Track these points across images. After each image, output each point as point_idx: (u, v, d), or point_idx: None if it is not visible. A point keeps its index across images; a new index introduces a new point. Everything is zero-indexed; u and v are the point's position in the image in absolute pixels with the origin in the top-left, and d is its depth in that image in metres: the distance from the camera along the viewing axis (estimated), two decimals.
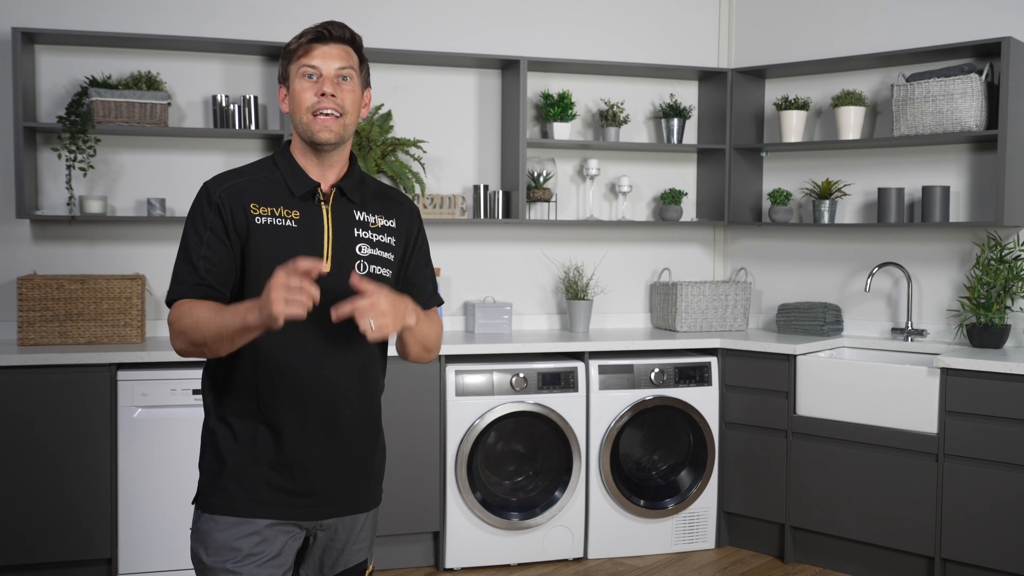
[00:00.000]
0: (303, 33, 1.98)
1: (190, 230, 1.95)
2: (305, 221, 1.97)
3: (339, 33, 1.98)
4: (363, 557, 2.11)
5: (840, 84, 4.55)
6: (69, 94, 4.03)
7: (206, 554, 1.94)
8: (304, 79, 1.95)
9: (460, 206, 4.46)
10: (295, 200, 1.98)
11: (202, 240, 1.93)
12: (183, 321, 1.88)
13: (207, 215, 1.94)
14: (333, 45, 1.96)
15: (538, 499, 4.12)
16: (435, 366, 3.98)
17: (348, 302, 1.79)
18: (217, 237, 1.92)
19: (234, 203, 1.93)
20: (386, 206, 2.08)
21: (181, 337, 1.89)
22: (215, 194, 1.95)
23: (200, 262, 1.92)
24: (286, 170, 2.00)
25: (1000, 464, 3.55)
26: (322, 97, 1.93)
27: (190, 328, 1.86)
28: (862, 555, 3.97)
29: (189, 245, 1.94)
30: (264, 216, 1.94)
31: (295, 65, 1.96)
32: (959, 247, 4.23)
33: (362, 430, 2.04)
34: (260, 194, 1.96)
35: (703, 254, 5.04)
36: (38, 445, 3.57)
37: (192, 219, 1.96)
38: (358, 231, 2.02)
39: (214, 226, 1.93)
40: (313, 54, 1.95)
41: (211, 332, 1.83)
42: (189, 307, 1.89)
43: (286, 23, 4.30)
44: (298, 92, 1.95)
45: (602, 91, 4.77)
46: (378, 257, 2.03)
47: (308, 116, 1.94)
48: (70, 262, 4.10)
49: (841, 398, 3.97)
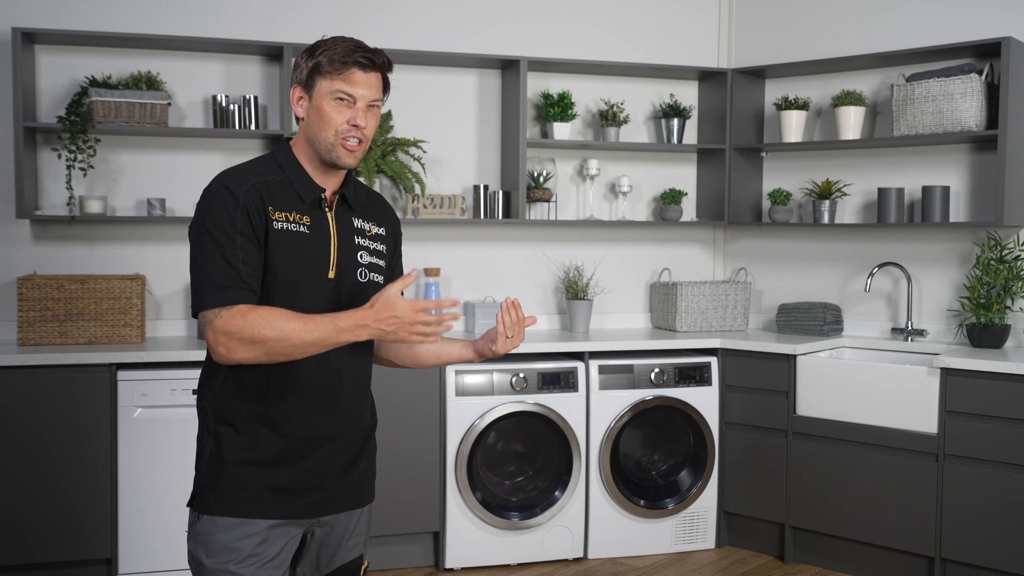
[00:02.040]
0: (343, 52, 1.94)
1: (217, 233, 1.88)
2: (315, 227, 1.99)
3: (380, 62, 1.99)
4: (358, 553, 2.14)
5: (840, 84, 4.55)
6: (69, 94, 4.04)
7: (206, 556, 1.95)
8: (336, 101, 1.95)
9: (460, 206, 4.46)
10: (305, 206, 1.99)
11: (235, 243, 1.88)
12: (261, 331, 1.82)
13: (235, 217, 1.89)
14: (372, 74, 1.97)
15: (538, 499, 4.12)
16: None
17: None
18: (249, 241, 1.89)
19: (257, 205, 1.92)
20: (377, 214, 2.14)
21: (256, 347, 1.83)
22: (240, 196, 1.91)
23: (240, 265, 1.87)
24: (292, 174, 2.00)
25: (1000, 464, 3.55)
26: (353, 128, 1.96)
27: (275, 338, 1.82)
28: (862, 555, 3.97)
29: (222, 247, 1.87)
30: (281, 221, 1.94)
31: (328, 82, 1.94)
32: (959, 247, 4.23)
33: (357, 428, 2.08)
34: (276, 197, 1.96)
35: (703, 254, 5.04)
36: (38, 445, 3.57)
37: (217, 219, 1.89)
38: (358, 238, 2.06)
39: (244, 229, 1.89)
40: (352, 80, 1.94)
41: (306, 342, 1.84)
42: (258, 315, 1.84)
43: (286, 23, 4.30)
44: (328, 113, 1.95)
45: (602, 91, 4.77)
46: (375, 264, 2.08)
47: (336, 139, 1.96)
48: (70, 262, 4.11)
49: (841, 398, 3.97)
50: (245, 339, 1.83)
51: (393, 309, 1.84)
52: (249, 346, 1.83)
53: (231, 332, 1.83)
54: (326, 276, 1.98)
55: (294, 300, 1.93)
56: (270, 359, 1.85)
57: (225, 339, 1.84)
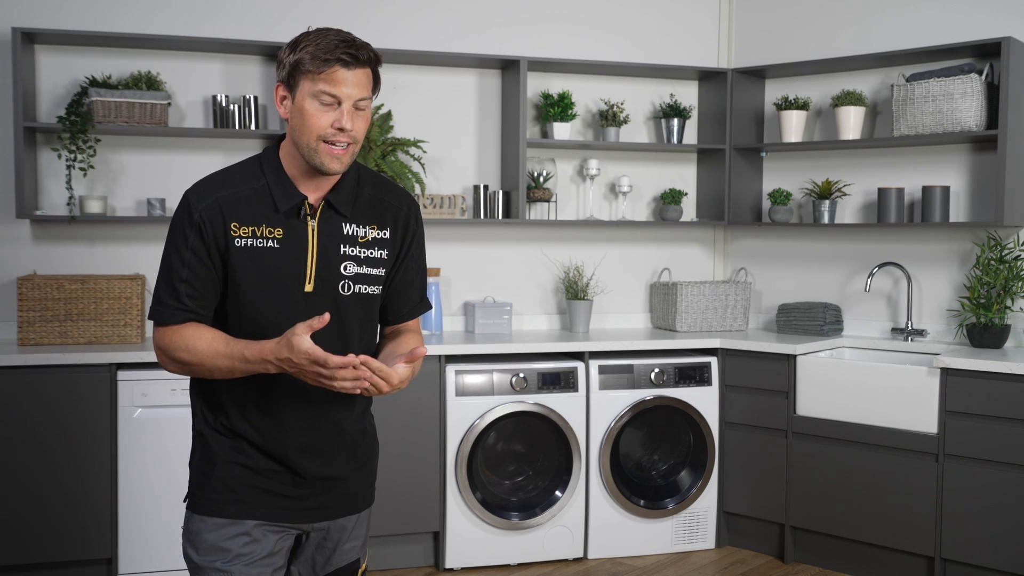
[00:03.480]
0: (325, 48, 1.81)
1: (171, 247, 1.89)
2: (288, 240, 1.89)
3: (365, 57, 1.84)
4: (356, 556, 2.10)
5: (840, 84, 4.55)
6: (69, 94, 4.03)
7: (196, 554, 1.94)
8: (318, 103, 1.82)
9: (460, 206, 4.46)
10: (278, 216, 1.89)
11: (183, 261, 1.87)
12: (179, 354, 1.88)
13: (188, 235, 1.87)
14: (358, 70, 1.83)
15: (538, 499, 4.12)
16: (435, 366, 3.98)
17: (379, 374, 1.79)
18: (199, 259, 1.86)
19: (215, 222, 1.86)
20: (380, 215, 1.99)
21: (178, 365, 1.90)
22: (196, 213, 1.86)
23: (181, 286, 1.87)
24: (272, 180, 1.90)
25: (1000, 464, 3.55)
26: (339, 131, 1.83)
27: (191, 362, 1.87)
28: (862, 555, 3.97)
29: (171, 264, 1.89)
30: (244, 237, 1.87)
31: (309, 82, 1.82)
32: (959, 247, 4.23)
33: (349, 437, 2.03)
34: (242, 212, 1.87)
35: (703, 254, 5.04)
36: (38, 445, 3.57)
37: (173, 236, 1.90)
38: (345, 247, 1.93)
39: (195, 247, 1.86)
40: (335, 80, 1.81)
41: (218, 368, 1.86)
42: (182, 337, 1.87)
43: (286, 23, 4.30)
44: (310, 115, 1.82)
45: (602, 91, 4.77)
46: (365, 275, 1.96)
47: (318, 143, 1.84)
48: (70, 262, 4.11)
49: (841, 398, 3.97)
50: (171, 357, 1.90)
51: (289, 351, 1.75)
52: (174, 363, 1.91)
53: (160, 348, 1.92)
54: (301, 290, 1.89)
55: (261, 315, 1.89)
56: (190, 374, 1.92)
57: (158, 352, 1.94)
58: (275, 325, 1.87)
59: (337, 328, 1.91)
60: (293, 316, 1.87)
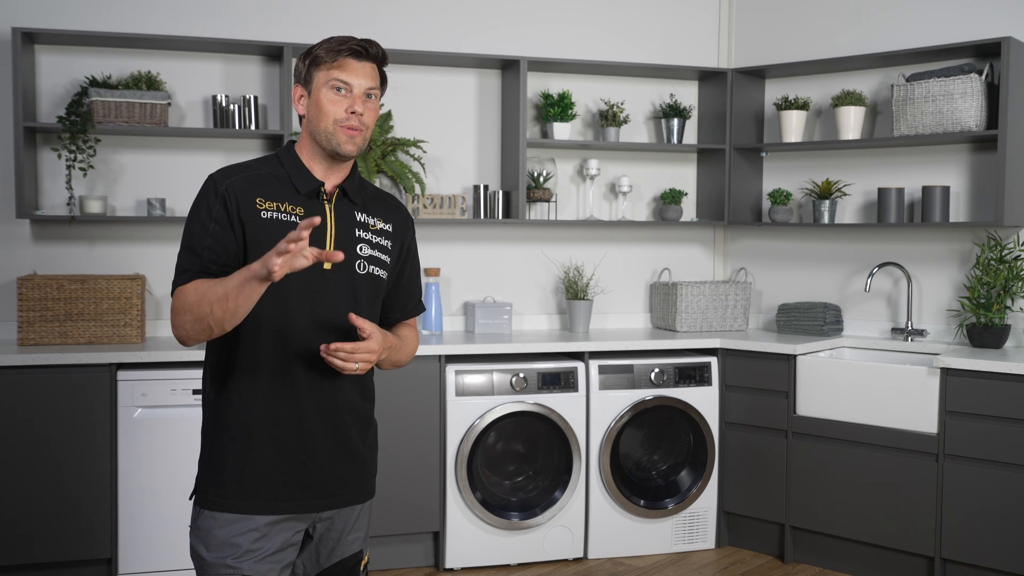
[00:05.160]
0: (338, 42, 2.00)
1: (194, 221, 1.97)
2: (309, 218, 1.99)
3: (374, 51, 2.03)
4: (358, 548, 2.16)
5: (840, 84, 4.55)
6: (69, 94, 4.04)
7: (206, 550, 1.98)
8: (333, 91, 1.99)
9: (460, 206, 4.46)
10: (300, 197, 2.02)
11: (207, 231, 1.95)
12: (187, 298, 1.90)
13: (213, 207, 1.97)
14: (367, 63, 2.02)
15: (538, 499, 4.12)
16: (435, 366, 3.98)
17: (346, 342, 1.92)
18: (222, 228, 1.96)
19: (241, 196, 1.97)
20: (384, 210, 2.15)
21: (186, 315, 1.90)
22: (222, 186, 1.98)
23: (204, 252, 1.95)
24: (291, 168, 2.04)
25: (1000, 464, 3.55)
26: (351, 115, 1.99)
27: (194, 303, 1.88)
28: (862, 555, 3.97)
29: (193, 236, 1.96)
30: (270, 211, 1.98)
31: (324, 73, 2.00)
32: (959, 247, 4.23)
33: (357, 424, 2.10)
34: (266, 189, 2.00)
35: (703, 254, 5.04)
36: (38, 445, 3.57)
37: (196, 210, 1.98)
38: (359, 231, 2.07)
39: (219, 217, 1.96)
40: (347, 69, 1.99)
41: (216, 295, 1.85)
42: (194, 284, 1.92)
43: (286, 23, 4.30)
44: (326, 103, 1.99)
45: (602, 91, 4.77)
46: (376, 258, 2.09)
47: (335, 127, 1.99)
48: (70, 262, 4.11)
49: (841, 398, 3.97)
50: (179, 309, 1.92)
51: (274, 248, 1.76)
52: (181, 315, 1.91)
53: (174, 309, 1.94)
54: (320, 266, 1.99)
55: (281, 289, 1.95)
56: (203, 326, 1.88)
57: (172, 317, 1.95)
58: (294, 300, 1.97)
59: (352, 307, 2.02)
60: (314, 293, 1.99)
